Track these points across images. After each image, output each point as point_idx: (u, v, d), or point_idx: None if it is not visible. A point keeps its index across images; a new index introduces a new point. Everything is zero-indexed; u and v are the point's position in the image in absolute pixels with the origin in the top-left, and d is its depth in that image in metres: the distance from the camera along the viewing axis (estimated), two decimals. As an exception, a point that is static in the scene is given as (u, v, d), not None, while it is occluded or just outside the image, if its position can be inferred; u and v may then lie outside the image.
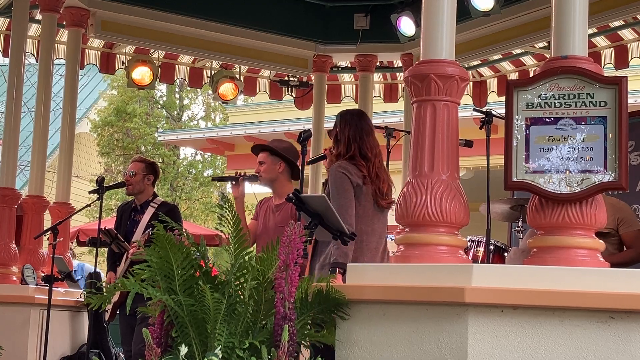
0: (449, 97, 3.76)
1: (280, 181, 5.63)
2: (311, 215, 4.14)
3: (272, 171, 5.61)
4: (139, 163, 6.68)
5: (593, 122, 3.58)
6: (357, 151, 5.03)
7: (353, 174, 4.92)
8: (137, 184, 6.56)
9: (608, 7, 7.20)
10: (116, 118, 22.22)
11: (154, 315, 3.50)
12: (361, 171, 4.95)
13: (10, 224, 7.19)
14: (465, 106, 6.01)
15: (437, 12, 3.82)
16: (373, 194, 4.99)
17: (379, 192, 5.01)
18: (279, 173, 5.61)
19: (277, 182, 5.63)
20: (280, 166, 5.60)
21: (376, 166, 5.03)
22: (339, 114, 5.24)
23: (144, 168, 6.61)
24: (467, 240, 5.97)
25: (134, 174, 6.55)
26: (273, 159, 5.61)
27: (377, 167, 5.03)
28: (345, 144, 5.05)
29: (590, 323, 3.28)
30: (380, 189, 5.01)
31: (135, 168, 6.60)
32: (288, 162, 5.63)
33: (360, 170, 4.96)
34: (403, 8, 8.15)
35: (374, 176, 5.00)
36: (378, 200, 5.01)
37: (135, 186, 6.57)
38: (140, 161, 6.74)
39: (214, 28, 8.73)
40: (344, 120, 5.14)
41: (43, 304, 6.67)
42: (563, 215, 3.57)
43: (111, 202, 21.38)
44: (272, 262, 3.45)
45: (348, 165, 4.95)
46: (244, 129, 16.96)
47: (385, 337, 3.51)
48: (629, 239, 5.84)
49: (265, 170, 5.61)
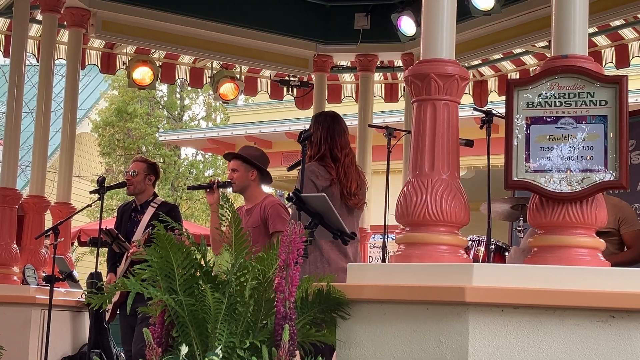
0: (449, 96, 3.75)
1: (252, 188, 5.85)
2: (311, 215, 4.14)
3: (244, 179, 5.82)
4: (140, 163, 6.70)
5: (593, 122, 3.58)
6: (327, 152, 5.17)
7: (320, 177, 5.05)
8: (138, 184, 6.58)
9: (609, 6, 7.21)
10: (117, 118, 22.24)
11: (155, 315, 3.51)
12: (329, 173, 5.09)
13: (12, 224, 7.19)
14: (465, 105, 6.02)
15: (437, 11, 3.82)
16: (340, 195, 5.10)
17: (347, 193, 5.13)
18: (251, 180, 5.83)
19: (250, 188, 5.85)
20: (252, 174, 5.82)
21: (345, 166, 5.16)
22: (313, 117, 5.43)
23: (146, 168, 6.63)
24: (468, 240, 5.98)
25: (135, 174, 6.56)
26: (246, 167, 5.83)
27: (346, 167, 5.16)
28: (317, 144, 5.20)
29: (591, 322, 3.28)
30: (349, 189, 5.11)
31: (137, 168, 6.61)
32: (260, 170, 5.84)
33: (329, 172, 5.10)
34: (403, 7, 8.16)
35: (342, 176, 5.13)
36: (346, 201, 5.12)
37: (137, 186, 6.58)
38: (141, 161, 6.75)
39: (215, 28, 8.73)
40: (317, 122, 5.30)
41: (44, 304, 6.67)
42: (563, 214, 3.57)
43: (112, 203, 21.40)
44: (273, 261, 3.45)
45: (317, 168, 5.07)
46: (245, 129, 16.96)
47: (385, 336, 3.51)
48: (630, 239, 5.85)
49: (238, 177, 5.83)
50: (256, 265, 3.45)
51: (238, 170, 5.83)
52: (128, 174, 6.65)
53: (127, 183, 6.61)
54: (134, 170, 6.60)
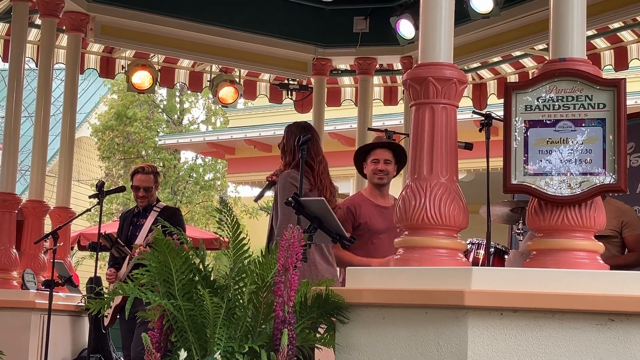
0: (447, 99, 3.75)
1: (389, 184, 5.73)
2: (310, 219, 4.14)
3: (394, 173, 5.70)
4: (149, 175, 6.61)
5: (592, 125, 3.58)
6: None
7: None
8: (152, 196, 6.61)
9: (607, 9, 7.21)
10: (117, 122, 22.22)
11: (154, 320, 3.50)
12: (307, 179, 5.15)
13: (11, 229, 7.19)
14: (465, 108, 6.02)
15: (435, 15, 3.82)
16: None
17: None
18: (393, 176, 5.71)
19: (389, 184, 5.73)
20: (396, 169, 5.71)
21: (319, 173, 5.26)
22: (286, 127, 5.48)
23: (154, 178, 6.63)
24: (468, 243, 5.98)
25: (150, 189, 6.56)
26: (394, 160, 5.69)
27: (320, 174, 5.26)
28: (291, 153, 5.27)
29: (590, 326, 3.27)
30: (324, 196, 5.13)
31: (149, 182, 6.57)
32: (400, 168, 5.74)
33: (307, 177, 5.14)
34: (402, 11, 8.17)
35: (318, 183, 5.22)
36: None
37: (150, 199, 6.60)
38: (149, 173, 6.65)
39: (214, 32, 8.74)
40: (289, 132, 5.39)
41: (44, 309, 6.67)
42: (562, 217, 3.56)
43: (112, 207, 21.39)
44: (271, 266, 3.45)
45: (296, 174, 5.08)
46: (244, 133, 16.96)
47: (384, 340, 3.50)
48: (632, 242, 5.85)
49: (392, 170, 5.67)
50: (255, 269, 3.45)
51: (391, 162, 5.66)
52: (141, 191, 6.57)
53: (138, 199, 6.57)
54: (148, 186, 6.56)
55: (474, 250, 6.15)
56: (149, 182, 6.57)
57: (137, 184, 6.58)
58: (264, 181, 5.42)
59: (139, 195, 6.57)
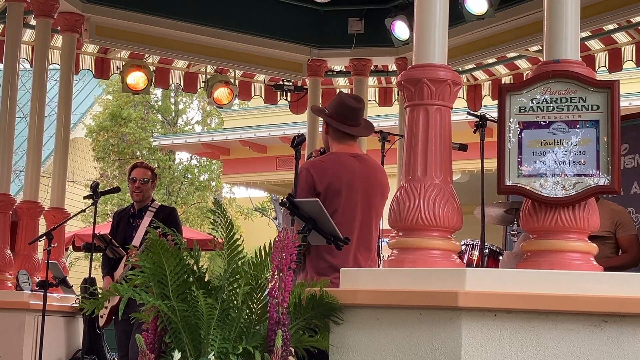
0: (441, 101, 3.76)
1: None
2: (305, 220, 4.14)
3: None
4: (147, 170, 6.65)
5: (586, 126, 3.59)
6: None
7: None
8: (147, 191, 6.60)
9: (602, 10, 7.22)
10: (111, 123, 22.21)
11: (148, 321, 3.50)
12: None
13: (5, 230, 7.18)
14: (459, 110, 6.03)
15: (429, 16, 3.82)
16: None
17: None
18: None
19: None
20: None
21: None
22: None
23: (152, 175, 6.64)
24: (462, 244, 5.99)
25: (147, 181, 6.55)
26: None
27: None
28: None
29: (584, 327, 3.28)
30: None
31: (146, 175, 6.59)
32: None
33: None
34: (397, 12, 8.18)
35: None
36: None
37: (146, 193, 6.60)
38: (147, 168, 6.70)
39: (209, 33, 8.74)
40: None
41: (38, 310, 6.66)
42: (556, 219, 3.57)
43: (106, 207, 21.37)
44: (266, 267, 3.45)
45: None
46: (239, 134, 16.97)
47: (379, 341, 3.51)
48: (626, 243, 5.87)
49: None
50: (249, 270, 3.45)
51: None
52: (138, 182, 6.57)
53: (135, 191, 6.56)
54: (145, 178, 6.56)
55: (469, 252, 6.18)
56: (147, 175, 6.59)
57: (134, 175, 6.60)
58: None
59: (135, 186, 6.57)
